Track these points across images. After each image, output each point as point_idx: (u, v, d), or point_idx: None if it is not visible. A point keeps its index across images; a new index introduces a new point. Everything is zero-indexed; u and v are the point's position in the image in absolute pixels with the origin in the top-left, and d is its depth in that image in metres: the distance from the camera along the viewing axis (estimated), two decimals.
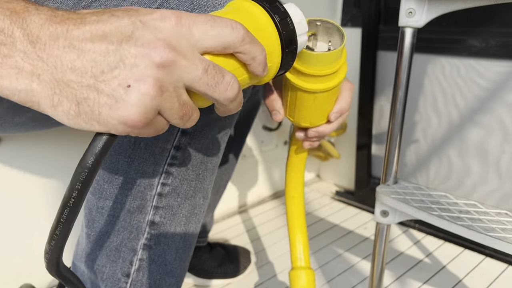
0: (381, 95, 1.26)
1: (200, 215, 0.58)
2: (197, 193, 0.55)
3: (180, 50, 0.30)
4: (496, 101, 1.02)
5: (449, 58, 1.07)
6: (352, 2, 1.28)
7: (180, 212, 0.55)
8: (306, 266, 0.68)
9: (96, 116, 0.30)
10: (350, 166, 1.38)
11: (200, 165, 0.54)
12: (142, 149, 0.50)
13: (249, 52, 0.34)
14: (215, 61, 0.33)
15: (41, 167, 0.85)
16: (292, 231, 0.70)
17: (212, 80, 0.32)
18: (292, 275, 0.68)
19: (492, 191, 1.07)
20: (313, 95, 0.52)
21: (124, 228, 0.53)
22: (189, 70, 0.31)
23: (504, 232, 0.54)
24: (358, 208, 1.33)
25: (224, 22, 0.32)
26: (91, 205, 0.55)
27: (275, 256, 1.07)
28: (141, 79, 0.29)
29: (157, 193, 0.52)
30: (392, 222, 0.64)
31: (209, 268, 0.98)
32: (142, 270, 0.55)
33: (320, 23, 0.50)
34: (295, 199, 0.70)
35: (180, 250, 0.57)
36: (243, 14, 0.36)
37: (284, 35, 0.37)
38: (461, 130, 1.09)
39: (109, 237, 0.54)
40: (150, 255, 0.55)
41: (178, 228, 0.56)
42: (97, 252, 0.55)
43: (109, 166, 0.52)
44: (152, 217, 0.53)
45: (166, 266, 0.56)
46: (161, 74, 0.29)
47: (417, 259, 1.06)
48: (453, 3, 0.55)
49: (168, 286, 0.58)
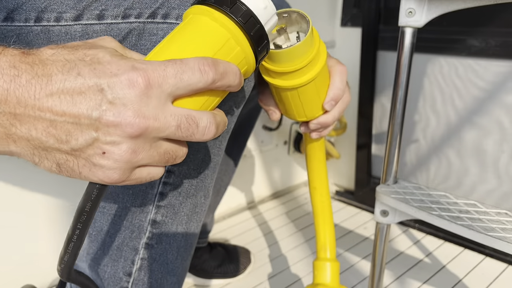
0: (381, 94, 1.26)
1: (201, 213, 0.58)
2: (199, 191, 0.55)
3: (150, 114, 0.30)
4: (495, 101, 1.02)
5: (448, 58, 1.07)
6: (352, 2, 1.28)
7: (181, 210, 0.55)
8: (331, 258, 0.67)
9: (78, 175, 0.31)
10: (350, 166, 1.38)
11: (202, 163, 0.54)
12: None
13: (222, 85, 0.34)
14: (188, 103, 0.33)
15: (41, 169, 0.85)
16: (316, 221, 0.69)
17: (187, 131, 0.33)
18: (317, 265, 0.67)
19: (491, 190, 1.07)
20: (296, 90, 0.50)
21: (126, 227, 0.53)
22: (162, 130, 0.31)
23: (504, 231, 0.54)
24: (358, 208, 1.33)
25: (192, 68, 0.32)
26: None
27: (275, 256, 1.07)
28: (115, 147, 0.30)
29: (159, 192, 0.52)
30: (392, 222, 0.64)
31: (209, 268, 0.98)
32: (144, 269, 0.55)
33: (286, 14, 0.48)
34: (316, 190, 0.69)
35: (181, 249, 0.57)
36: (205, 33, 0.35)
37: (252, 36, 0.36)
38: (459, 130, 1.09)
39: (110, 236, 0.54)
40: (151, 254, 0.55)
41: (179, 227, 0.56)
42: (99, 252, 0.55)
43: None
44: (154, 216, 0.53)
45: (167, 265, 0.56)
46: (135, 142, 0.31)
47: (417, 259, 1.06)
48: (453, 3, 0.55)
49: (170, 285, 0.58)
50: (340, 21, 1.32)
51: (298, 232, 1.18)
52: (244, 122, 0.89)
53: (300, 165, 1.48)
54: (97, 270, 0.56)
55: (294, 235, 1.17)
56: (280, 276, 1.00)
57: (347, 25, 1.30)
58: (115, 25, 0.47)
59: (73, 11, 0.46)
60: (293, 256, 1.07)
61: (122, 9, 0.47)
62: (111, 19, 0.47)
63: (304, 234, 1.17)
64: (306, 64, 0.47)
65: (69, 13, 0.46)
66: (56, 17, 0.47)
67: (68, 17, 0.46)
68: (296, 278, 0.99)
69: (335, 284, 0.66)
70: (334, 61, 0.54)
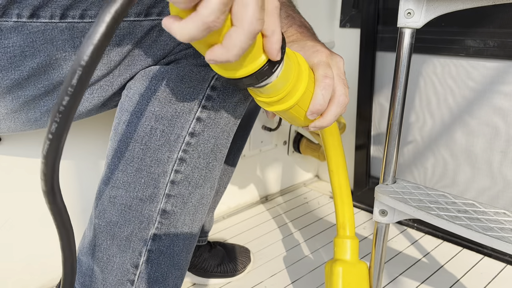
0: (380, 95, 1.26)
1: (206, 205, 0.59)
2: (206, 182, 0.56)
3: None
4: (486, 101, 1.02)
5: (445, 58, 1.08)
6: (351, 3, 1.29)
7: (190, 201, 0.56)
8: (350, 235, 0.73)
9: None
10: (349, 166, 1.38)
11: (210, 154, 0.55)
12: (158, 136, 0.52)
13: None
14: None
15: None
16: (335, 202, 0.75)
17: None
18: (337, 242, 0.73)
19: (484, 189, 1.08)
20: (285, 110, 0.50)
21: (135, 218, 0.54)
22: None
23: (502, 231, 0.55)
24: (357, 208, 1.33)
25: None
26: (103, 195, 0.55)
27: (275, 255, 1.08)
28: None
29: (170, 181, 0.53)
30: (390, 222, 0.65)
31: (208, 267, 0.98)
32: (151, 262, 0.56)
33: None
34: (333, 173, 0.74)
35: (187, 241, 0.58)
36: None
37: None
38: (454, 130, 1.10)
39: (120, 227, 0.55)
40: (159, 246, 0.56)
41: (187, 217, 0.57)
42: (107, 242, 0.56)
43: (124, 155, 0.53)
44: (164, 205, 0.54)
45: (173, 258, 0.57)
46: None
47: (416, 258, 1.06)
48: (451, 4, 0.55)
49: (174, 279, 0.59)
50: (339, 22, 1.32)
51: (297, 231, 1.19)
52: (243, 122, 0.90)
53: (300, 165, 1.48)
54: (104, 261, 0.56)
55: (294, 235, 1.17)
56: (280, 276, 1.00)
57: (346, 26, 1.30)
58: (138, 22, 0.50)
59: (97, 9, 0.49)
60: (292, 256, 1.07)
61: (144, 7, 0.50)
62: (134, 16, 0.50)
63: (303, 233, 1.18)
64: (285, 94, 0.47)
65: (93, 10, 0.49)
66: (80, 14, 0.49)
67: (92, 14, 0.49)
68: (295, 278, 0.99)
69: (354, 259, 0.72)
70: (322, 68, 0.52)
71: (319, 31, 0.51)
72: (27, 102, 0.53)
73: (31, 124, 0.58)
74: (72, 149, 0.88)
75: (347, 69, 0.54)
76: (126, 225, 0.54)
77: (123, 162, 0.53)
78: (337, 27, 1.32)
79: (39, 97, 0.53)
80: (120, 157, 0.53)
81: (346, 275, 0.70)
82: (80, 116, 0.60)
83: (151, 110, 0.52)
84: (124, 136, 0.53)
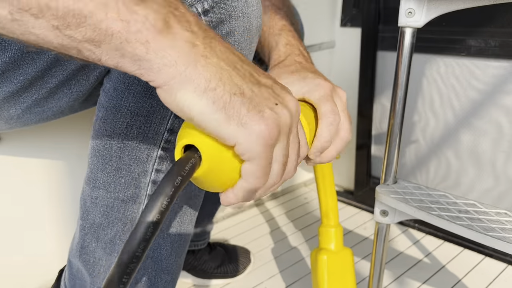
0: (381, 95, 1.26)
1: (196, 206, 0.56)
2: None
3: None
4: (490, 101, 1.02)
5: (447, 58, 1.08)
6: (352, 2, 1.28)
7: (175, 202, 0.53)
8: (334, 224, 0.74)
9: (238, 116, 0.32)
10: (350, 166, 1.38)
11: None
12: (135, 133, 0.49)
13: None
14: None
15: (42, 166, 0.85)
16: (318, 191, 0.77)
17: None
18: (321, 231, 0.74)
19: (488, 190, 1.07)
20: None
21: (118, 219, 0.52)
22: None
23: (504, 231, 0.54)
24: (358, 208, 1.33)
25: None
26: (85, 195, 0.53)
27: (275, 256, 1.07)
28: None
29: (151, 181, 0.51)
30: (391, 222, 0.64)
31: (208, 268, 0.98)
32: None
33: None
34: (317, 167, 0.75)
35: (175, 244, 0.55)
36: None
37: None
38: (457, 130, 1.09)
39: (103, 229, 0.52)
40: None
41: (173, 220, 0.54)
42: (93, 245, 0.54)
43: (102, 153, 0.50)
44: None
45: (161, 262, 0.55)
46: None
47: (417, 258, 1.06)
48: (452, 3, 0.55)
49: (164, 284, 0.56)
50: (340, 21, 1.32)
51: (297, 232, 1.19)
52: None
53: (300, 165, 1.48)
54: (92, 264, 0.54)
55: (294, 235, 1.17)
56: (280, 276, 1.00)
57: (346, 26, 1.30)
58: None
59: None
60: (292, 256, 1.07)
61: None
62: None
63: (304, 234, 1.17)
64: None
65: None
66: None
67: None
68: (295, 278, 0.99)
69: (339, 247, 0.73)
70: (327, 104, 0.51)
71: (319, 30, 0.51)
72: (6, 98, 0.52)
73: (14, 121, 0.57)
74: (66, 148, 0.88)
75: (348, 68, 0.54)
76: (110, 227, 0.52)
77: (102, 161, 0.51)
78: (338, 26, 1.32)
79: (17, 93, 0.52)
80: (98, 156, 0.51)
81: (331, 263, 0.72)
82: (63, 112, 0.58)
83: (125, 106, 0.49)
84: (101, 133, 0.50)
